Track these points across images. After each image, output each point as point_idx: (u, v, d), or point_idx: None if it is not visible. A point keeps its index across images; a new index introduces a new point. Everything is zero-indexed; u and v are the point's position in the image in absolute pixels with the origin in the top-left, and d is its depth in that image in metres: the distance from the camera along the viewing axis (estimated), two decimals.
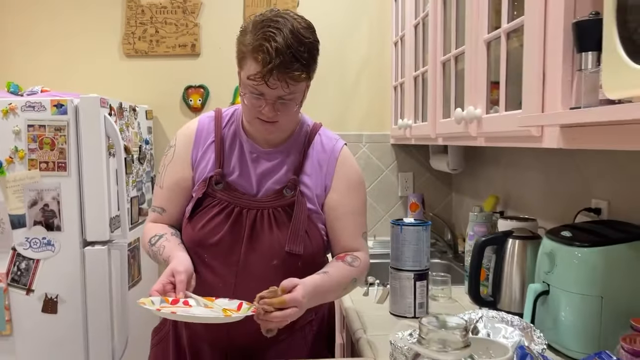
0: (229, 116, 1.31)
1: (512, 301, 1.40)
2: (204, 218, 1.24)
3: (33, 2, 2.59)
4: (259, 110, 1.16)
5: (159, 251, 1.22)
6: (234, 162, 1.27)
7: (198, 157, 1.28)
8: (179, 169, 1.29)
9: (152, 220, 1.32)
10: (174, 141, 1.32)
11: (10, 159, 1.83)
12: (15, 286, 1.87)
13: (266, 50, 1.09)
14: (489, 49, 1.35)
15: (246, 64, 1.14)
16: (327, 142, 1.32)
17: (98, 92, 2.13)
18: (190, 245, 1.24)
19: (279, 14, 1.15)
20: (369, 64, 2.66)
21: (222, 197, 1.24)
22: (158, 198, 1.31)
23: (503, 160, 2.01)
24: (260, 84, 1.11)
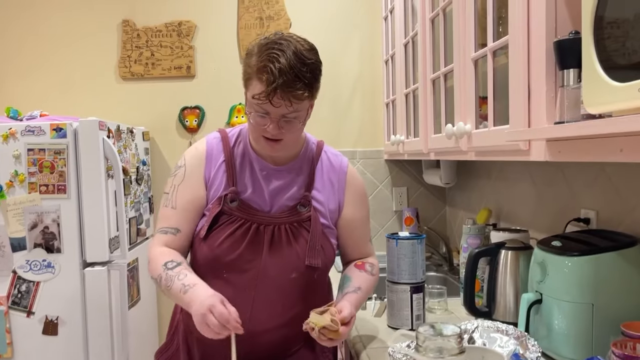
0: (235, 136, 1.35)
1: (507, 311, 1.43)
2: (221, 235, 1.26)
3: (30, 27, 2.63)
4: (264, 129, 1.21)
5: (177, 276, 1.19)
6: (246, 180, 1.31)
7: (211, 176, 1.31)
8: (192, 189, 1.30)
9: (163, 243, 1.29)
10: (183, 162, 1.33)
11: (11, 183, 1.85)
12: (15, 309, 1.88)
13: (270, 70, 1.14)
14: (476, 66, 1.40)
15: (251, 84, 1.19)
16: (334, 159, 1.41)
17: (96, 115, 2.17)
18: (208, 262, 1.27)
19: (283, 37, 1.20)
20: (361, 82, 2.72)
21: (238, 214, 1.28)
22: (170, 219, 1.30)
23: (494, 173, 2.05)
24: (265, 103, 1.17)
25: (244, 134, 1.35)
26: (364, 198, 1.44)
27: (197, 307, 1.12)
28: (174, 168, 1.35)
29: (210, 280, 1.22)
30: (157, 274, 1.24)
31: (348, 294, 1.30)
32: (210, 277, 1.25)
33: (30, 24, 2.64)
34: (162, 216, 1.32)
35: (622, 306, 1.12)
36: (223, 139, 1.34)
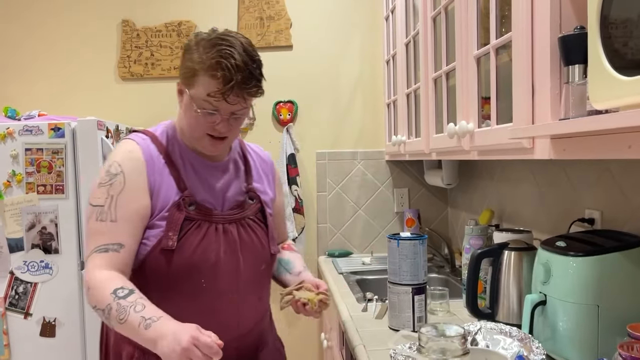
0: (165, 135, 1.28)
1: (510, 312, 1.41)
2: (193, 242, 1.20)
3: (29, 26, 2.62)
4: (211, 127, 1.19)
5: (132, 307, 1.05)
6: (194, 181, 1.25)
7: (156, 182, 1.21)
8: (135, 198, 1.18)
9: (105, 263, 1.13)
10: (117, 168, 1.19)
11: (8, 183, 1.84)
12: (13, 310, 1.86)
13: (226, 67, 1.12)
14: (478, 64, 1.38)
15: (198, 81, 1.15)
16: (259, 150, 1.47)
17: (95, 115, 2.15)
18: (183, 273, 1.19)
19: (225, 32, 1.19)
20: (362, 83, 2.70)
21: (200, 217, 1.22)
22: (109, 233, 1.15)
23: (497, 174, 2.03)
24: (219, 101, 1.14)
25: (171, 134, 1.28)
26: (282, 188, 1.54)
27: (169, 343, 0.99)
28: (103, 176, 1.20)
29: (187, 294, 1.16)
30: (104, 304, 1.08)
31: (302, 272, 1.39)
32: (187, 291, 1.18)
33: (30, 24, 2.62)
34: (97, 232, 1.16)
35: (628, 307, 1.10)
36: (154, 139, 1.26)
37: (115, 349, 1.25)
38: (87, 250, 1.17)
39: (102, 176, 1.20)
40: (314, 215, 2.70)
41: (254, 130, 2.68)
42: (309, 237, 2.70)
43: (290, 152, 2.63)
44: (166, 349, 0.99)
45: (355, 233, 2.71)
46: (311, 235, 2.71)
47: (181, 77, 1.21)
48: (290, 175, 2.63)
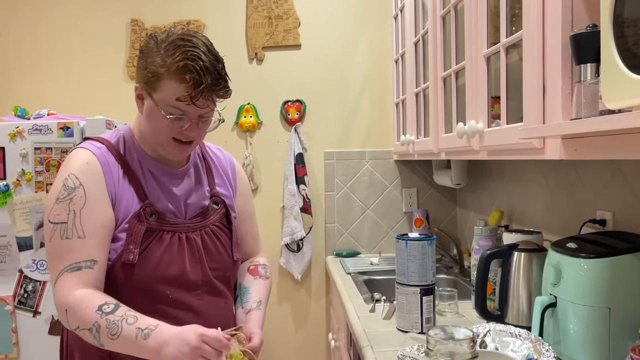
0: (121, 142, 1.22)
1: (520, 314, 1.39)
2: (156, 254, 1.15)
3: (39, 26, 2.64)
4: (179, 131, 1.14)
5: (123, 320, 1.02)
6: (154, 190, 1.20)
7: (116, 192, 1.15)
8: (100, 211, 1.12)
9: (80, 282, 1.06)
10: (75, 181, 1.11)
11: (18, 182, 1.85)
12: (22, 308, 1.87)
13: (194, 70, 1.07)
14: (488, 63, 1.37)
15: (164, 85, 1.09)
16: (220, 152, 1.40)
17: (103, 114, 2.16)
18: (147, 287, 1.14)
19: (185, 32, 1.13)
20: (371, 82, 2.69)
21: (161, 228, 1.18)
22: (80, 251, 1.08)
23: (506, 174, 2.01)
24: (188, 105, 1.10)
25: (128, 141, 1.22)
26: (250, 192, 1.45)
27: (176, 347, 0.98)
28: (60, 191, 1.11)
29: (151, 307, 1.11)
30: (90, 322, 1.02)
31: (252, 311, 1.25)
32: (151, 304, 1.13)
33: (39, 24, 2.64)
34: (64, 250, 1.08)
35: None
36: (110, 148, 1.19)
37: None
38: (53, 271, 1.09)
39: (59, 190, 1.11)
40: (322, 214, 2.70)
41: (261, 130, 2.68)
42: (316, 237, 2.69)
43: (298, 152, 2.63)
44: (173, 353, 0.98)
45: (363, 233, 2.69)
46: (319, 235, 2.70)
47: (141, 82, 1.14)
48: (298, 175, 2.62)
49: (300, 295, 2.71)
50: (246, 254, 1.40)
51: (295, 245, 2.62)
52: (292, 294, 2.70)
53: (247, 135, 2.68)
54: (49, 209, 1.12)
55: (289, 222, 2.61)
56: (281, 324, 2.70)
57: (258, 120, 2.66)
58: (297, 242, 2.62)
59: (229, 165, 1.38)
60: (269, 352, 2.68)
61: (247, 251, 1.41)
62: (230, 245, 1.29)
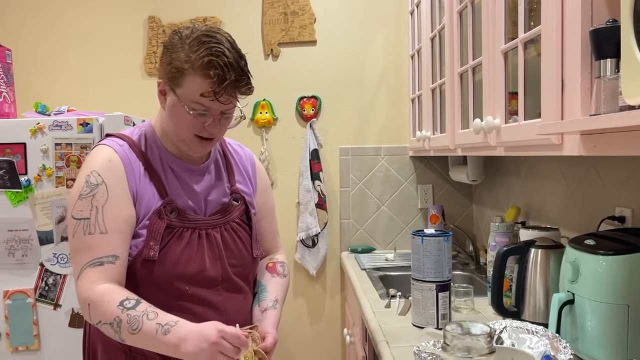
0: (143, 139, 1.22)
1: (537, 311, 1.39)
2: (176, 250, 1.16)
3: (58, 25, 2.67)
4: (201, 127, 1.15)
5: (144, 316, 1.03)
6: (175, 187, 1.21)
7: (138, 189, 1.16)
8: (121, 207, 1.13)
9: (102, 277, 1.08)
10: (98, 178, 1.13)
11: (39, 177, 1.88)
12: (43, 301, 1.91)
13: (218, 66, 1.07)
14: (506, 59, 1.36)
15: (188, 81, 1.10)
16: (240, 148, 1.40)
17: (121, 110, 2.18)
18: (167, 283, 1.15)
19: (209, 28, 1.13)
20: (386, 78, 2.68)
21: (181, 225, 1.18)
22: (101, 246, 1.09)
23: (523, 170, 2.00)
24: (212, 100, 1.10)
25: (150, 138, 1.23)
26: (270, 189, 1.45)
27: (195, 343, 1.00)
28: (82, 187, 1.12)
29: (171, 303, 1.13)
30: (111, 317, 1.04)
31: (268, 310, 1.25)
32: (171, 299, 1.14)
33: (59, 22, 2.68)
34: (86, 246, 1.10)
35: None
36: (132, 145, 1.20)
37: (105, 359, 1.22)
38: (75, 265, 1.11)
39: (81, 187, 1.13)
40: (337, 210, 2.70)
41: (277, 126, 2.69)
42: (331, 233, 2.70)
43: (313, 148, 2.63)
44: (193, 349, 1.00)
45: (379, 229, 2.70)
46: (334, 230, 2.71)
47: (165, 77, 1.14)
48: (313, 171, 2.63)
49: (315, 290, 2.73)
50: (265, 251, 1.41)
51: (311, 241, 2.64)
52: (308, 289, 2.72)
53: (263, 131, 2.69)
54: (72, 205, 1.13)
55: (304, 218, 2.62)
56: (296, 319, 2.71)
57: (274, 116, 2.68)
58: (312, 238, 2.63)
59: (249, 162, 1.39)
60: (285, 347, 2.70)
61: (266, 248, 1.41)
62: (250, 242, 1.29)
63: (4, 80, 2.05)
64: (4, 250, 1.90)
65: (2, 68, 2.04)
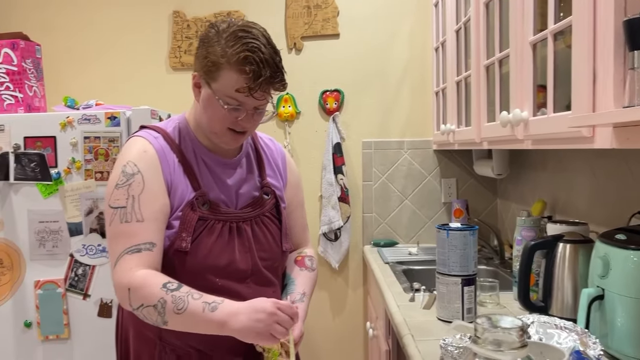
0: (177, 132, 1.24)
1: (564, 306, 1.37)
2: (207, 242, 1.18)
3: (85, 21, 2.72)
4: (234, 122, 1.15)
5: (189, 296, 1.06)
6: (207, 179, 1.22)
7: (172, 180, 1.18)
8: (158, 197, 1.15)
9: (140, 263, 1.10)
10: (134, 168, 1.15)
11: (68, 170, 1.92)
12: (73, 291, 1.95)
13: (254, 62, 1.08)
14: (534, 51, 1.34)
15: (223, 75, 1.11)
16: (271, 142, 1.41)
17: (147, 104, 2.21)
18: (197, 274, 1.17)
19: (245, 23, 1.14)
20: (410, 70, 2.66)
21: (213, 217, 1.20)
22: (139, 234, 1.12)
23: (550, 164, 1.97)
24: (247, 96, 1.11)
25: (184, 130, 1.24)
26: (300, 183, 1.45)
27: (249, 316, 1.02)
28: (119, 177, 1.15)
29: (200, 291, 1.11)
30: (155, 299, 1.06)
31: (295, 303, 1.25)
32: (200, 288, 1.13)
33: (86, 18, 2.72)
34: (124, 234, 1.12)
35: None
36: (166, 137, 1.22)
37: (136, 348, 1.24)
38: (113, 253, 1.13)
39: (118, 177, 1.15)
40: (360, 204, 2.70)
41: (299, 120, 2.70)
42: (354, 226, 2.70)
43: (336, 142, 2.63)
44: (246, 322, 1.02)
45: (401, 223, 2.69)
46: (356, 224, 2.71)
47: (200, 70, 1.15)
48: (336, 165, 2.63)
49: (337, 283, 2.74)
50: (295, 245, 1.41)
51: (333, 235, 2.64)
52: (330, 283, 2.73)
53: (286, 125, 2.70)
54: (109, 195, 1.16)
55: (327, 212, 2.63)
56: (319, 312, 2.73)
57: (296, 110, 2.68)
58: (335, 232, 2.64)
59: (279, 156, 1.39)
60: (308, 339, 2.71)
61: (295, 241, 1.42)
62: (280, 236, 1.30)
63: (34, 75, 2.10)
64: (36, 241, 1.95)
65: (32, 63, 2.09)
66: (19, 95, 2.04)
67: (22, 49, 2.04)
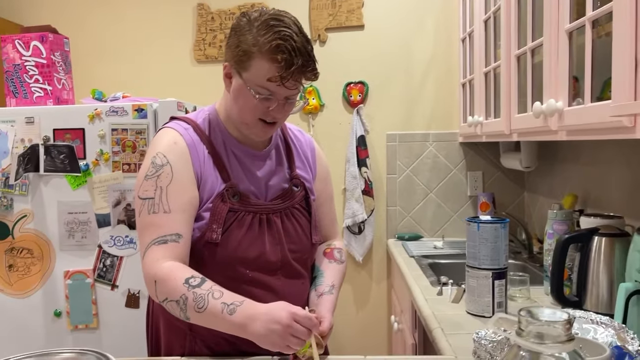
0: (207, 123, 1.24)
1: (600, 301, 1.34)
2: (238, 234, 1.18)
3: (112, 15, 2.74)
4: (265, 112, 1.14)
5: (209, 294, 1.05)
6: (237, 171, 1.22)
7: (202, 172, 1.18)
8: (186, 188, 1.15)
9: (166, 255, 1.10)
10: (163, 159, 1.15)
11: (96, 162, 1.94)
12: (101, 282, 1.98)
13: (286, 50, 1.07)
14: (570, 39, 1.30)
15: (255, 64, 1.10)
16: (300, 134, 1.39)
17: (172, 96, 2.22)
18: (228, 266, 1.17)
19: (277, 12, 1.13)
20: (435, 62, 2.63)
21: (243, 209, 1.19)
22: (166, 225, 1.12)
23: (582, 156, 1.92)
24: (278, 85, 1.10)
25: (213, 121, 1.24)
26: (330, 175, 1.43)
27: (265, 324, 1.00)
28: (148, 168, 1.16)
29: (231, 285, 1.11)
30: (177, 294, 1.06)
31: (324, 295, 1.25)
32: (231, 282, 1.14)
33: (113, 13, 2.74)
34: (151, 224, 1.12)
35: None
36: (196, 128, 1.21)
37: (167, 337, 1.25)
38: (142, 244, 1.14)
39: (147, 168, 1.16)
40: (384, 197, 2.68)
41: (323, 112, 2.69)
42: (378, 220, 2.68)
43: (360, 134, 2.62)
44: (262, 330, 1.00)
45: (426, 216, 2.66)
46: (380, 217, 2.69)
47: (232, 60, 1.14)
48: (360, 157, 2.61)
49: (361, 277, 2.73)
50: (324, 237, 1.40)
51: (357, 228, 2.63)
52: (354, 276, 2.72)
53: (310, 117, 2.69)
54: (139, 186, 1.16)
55: (351, 205, 2.61)
56: (342, 305, 2.72)
57: (320, 102, 2.67)
58: (359, 225, 2.62)
59: (309, 148, 1.38)
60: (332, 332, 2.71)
61: (324, 234, 1.40)
62: (309, 228, 1.29)
63: (63, 67, 2.12)
64: (65, 232, 1.97)
65: (60, 56, 2.11)
66: (48, 88, 2.07)
67: (51, 42, 2.06)
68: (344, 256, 1.40)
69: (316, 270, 1.35)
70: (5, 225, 2.00)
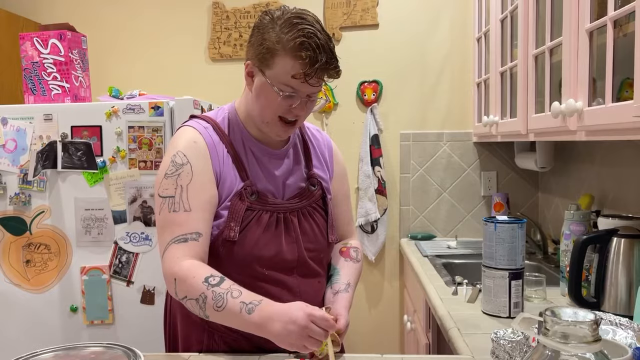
0: (226, 121, 1.24)
1: (618, 303, 1.33)
2: (255, 233, 1.18)
3: (129, 13, 2.76)
4: (287, 110, 1.15)
5: (228, 294, 1.05)
6: (255, 170, 1.22)
7: (221, 171, 1.19)
8: (205, 187, 1.16)
9: (186, 253, 1.11)
10: (184, 158, 1.16)
11: (113, 159, 1.95)
12: (117, 278, 1.99)
13: (310, 47, 1.07)
14: (591, 38, 1.30)
15: (279, 62, 1.10)
16: (318, 133, 1.39)
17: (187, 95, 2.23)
18: (245, 265, 1.18)
19: (299, 10, 1.13)
20: (450, 62, 2.62)
21: (261, 207, 1.20)
22: (186, 223, 1.12)
23: (598, 157, 1.91)
24: (302, 82, 1.10)
25: (233, 120, 1.24)
26: (346, 175, 1.43)
27: (282, 324, 1.01)
28: (168, 167, 1.16)
29: (248, 283, 1.12)
30: (197, 293, 1.07)
31: (340, 293, 1.25)
32: (248, 280, 1.15)
33: (129, 11, 2.76)
34: (171, 223, 1.13)
35: None
36: (215, 127, 1.22)
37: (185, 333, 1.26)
38: (161, 242, 1.15)
39: (167, 166, 1.16)
40: (397, 197, 2.68)
41: (337, 111, 2.69)
42: (391, 219, 2.68)
43: (373, 133, 2.62)
44: (279, 330, 1.01)
45: (439, 216, 2.66)
46: (393, 217, 2.69)
47: (254, 58, 1.15)
48: (373, 156, 2.61)
49: (374, 276, 2.73)
50: (340, 236, 1.40)
51: (370, 227, 2.63)
52: (366, 275, 2.72)
53: (323, 116, 2.69)
54: (158, 184, 1.17)
55: (364, 204, 2.61)
56: (355, 304, 2.69)
57: (334, 101, 2.67)
58: (372, 224, 2.62)
59: (326, 147, 1.38)
60: None
61: (341, 233, 1.40)
62: (326, 227, 1.30)
63: (80, 65, 2.14)
64: (82, 228, 1.99)
65: (78, 53, 2.13)
66: (66, 85, 2.08)
67: (69, 40, 2.08)
68: (360, 255, 1.40)
69: (332, 268, 1.35)
70: (23, 221, 2.02)
